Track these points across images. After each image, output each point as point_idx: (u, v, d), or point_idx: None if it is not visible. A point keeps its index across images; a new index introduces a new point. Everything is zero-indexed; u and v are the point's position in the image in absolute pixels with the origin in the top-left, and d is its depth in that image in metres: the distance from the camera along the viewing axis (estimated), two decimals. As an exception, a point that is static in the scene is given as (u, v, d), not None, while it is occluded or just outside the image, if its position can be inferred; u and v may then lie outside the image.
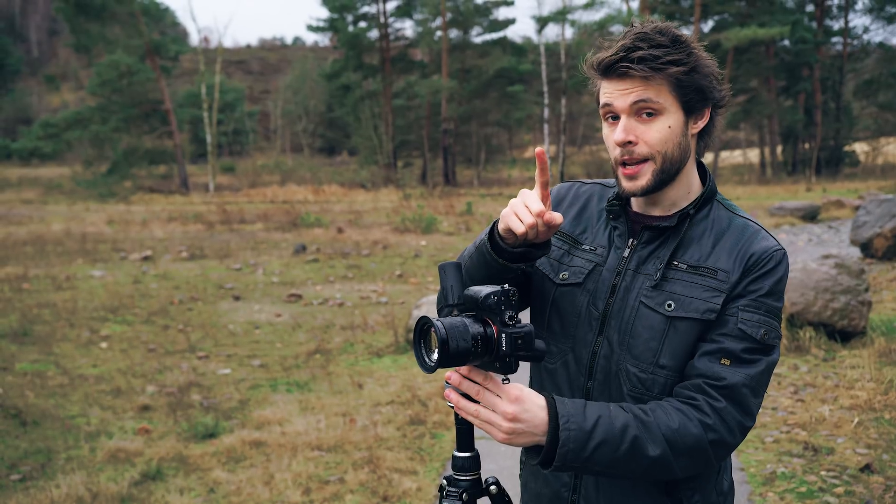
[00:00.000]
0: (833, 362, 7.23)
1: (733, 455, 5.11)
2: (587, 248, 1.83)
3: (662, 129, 1.66)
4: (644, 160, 1.68)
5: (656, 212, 1.78)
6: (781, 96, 49.44)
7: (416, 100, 50.17)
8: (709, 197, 1.78)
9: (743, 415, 1.64)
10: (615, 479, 1.71)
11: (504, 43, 49.98)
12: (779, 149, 50.89)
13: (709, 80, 1.69)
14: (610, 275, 1.76)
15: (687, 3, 46.52)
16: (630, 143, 1.67)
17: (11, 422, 6.18)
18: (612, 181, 1.91)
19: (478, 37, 51.04)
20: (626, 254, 1.77)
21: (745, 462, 5.08)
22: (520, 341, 1.53)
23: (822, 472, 4.81)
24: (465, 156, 53.50)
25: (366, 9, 50.48)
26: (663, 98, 1.65)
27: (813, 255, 8.38)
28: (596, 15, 66.62)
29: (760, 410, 5.98)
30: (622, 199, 1.81)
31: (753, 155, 56.50)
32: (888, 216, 12.57)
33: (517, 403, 1.51)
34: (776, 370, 7.08)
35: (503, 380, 1.59)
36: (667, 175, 1.70)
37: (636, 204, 1.81)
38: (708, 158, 51.09)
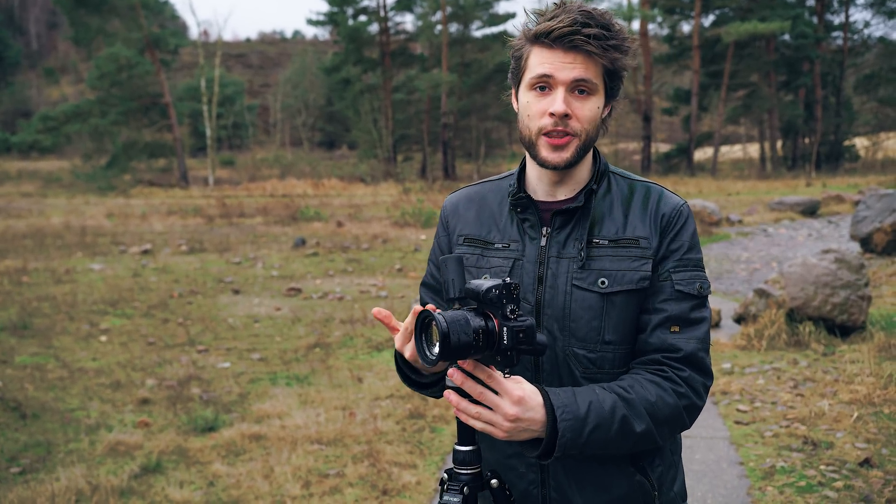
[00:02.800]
0: (832, 357, 7.24)
1: (732, 448, 5.13)
2: (499, 246, 1.84)
3: (593, 109, 1.72)
4: (573, 135, 1.71)
5: (562, 195, 1.82)
6: (781, 91, 49.39)
7: (416, 94, 50.11)
8: (604, 171, 1.84)
9: (704, 376, 1.74)
10: (595, 458, 1.73)
11: (504, 37, 49.78)
12: (779, 144, 50.87)
13: (626, 74, 1.76)
14: (532, 266, 1.79)
15: (688, -3, 46.46)
16: (567, 116, 1.69)
17: (11, 415, 6.18)
18: (497, 176, 1.97)
19: (478, 31, 51.01)
20: (543, 243, 1.79)
21: (745, 456, 5.09)
22: (521, 335, 1.53)
23: (822, 467, 4.81)
24: (464, 150, 53.48)
25: (366, 2, 50.43)
26: (598, 80, 1.70)
27: (813, 250, 8.39)
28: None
29: (760, 404, 6.01)
30: (527, 192, 1.84)
31: (753, 150, 56.54)
32: (888, 211, 12.56)
33: (520, 405, 1.53)
34: (777, 365, 7.09)
35: (505, 373, 1.59)
36: (584, 152, 1.76)
37: (541, 192, 1.84)
38: (707, 153, 51.20)
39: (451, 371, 1.55)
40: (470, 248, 1.88)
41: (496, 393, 1.55)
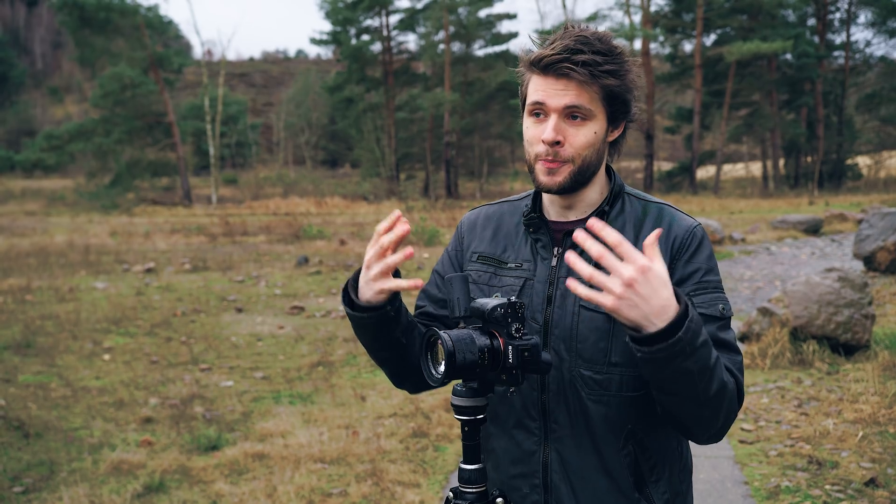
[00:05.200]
0: (837, 376, 7.22)
1: (736, 468, 5.11)
2: (512, 265, 1.85)
3: (588, 135, 1.71)
4: (565, 161, 1.72)
5: (573, 216, 1.82)
6: (784, 110, 49.50)
7: (419, 112, 50.27)
8: (618, 192, 1.84)
9: (740, 397, 1.68)
10: (686, 399, 1.59)
11: (507, 56, 50.10)
12: (781, 162, 50.94)
13: (632, 94, 1.75)
14: (542, 286, 1.79)
15: (689, 17, 46.67)
16: (558, 143, 1.70)
17: (14, 434, 6.18)
18: (517, 196, 1.98)
19: (480, 50, 51.29)
20: (554, 263, 1.79)
21: (749, 476, 5.07)
22: (526, 353, 1.54)
23: (827, 486, 4.79)
24: (467, 168, 53.60)
25: (369, 22, 50.69)
26: (594, 105, 1.70)
27: (816, 269, 8.38)
28: (598, 29, 66.76)
29: (764, 423, 5.99)
30: (540, 211, 1.85)
31: (756, 168, 56.57)
32: (891, 229, 12.55)
33: (641, 273, 1.44)
34: (781, 384, 7.08)
35: (509, 392, 1.60)
36: (582, 177, 1.75)
37: (553, 213, 1.85)
38: (710, 171, 51.12)
39: (576, 234, 1.48)
40: (483, 265, 1.90)
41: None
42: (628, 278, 1.43)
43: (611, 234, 1.45)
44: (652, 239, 1.48)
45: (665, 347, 1.45)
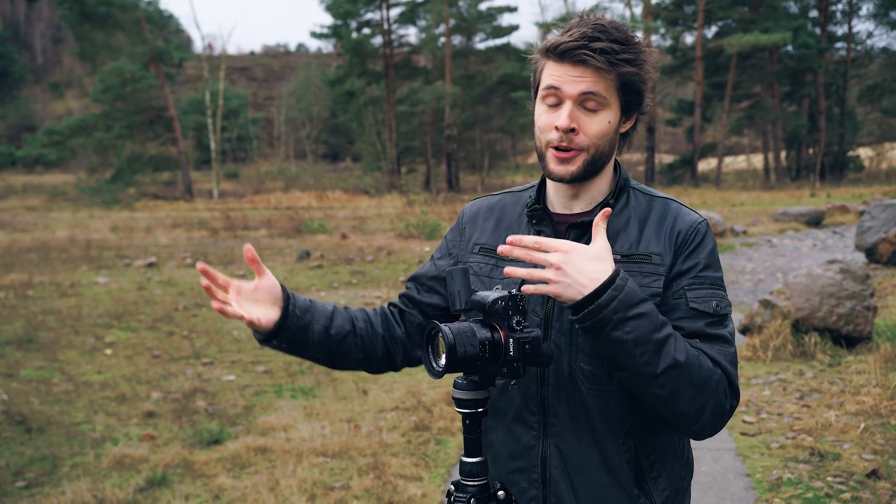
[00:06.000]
0: (839, 368, 7.21)
1: (738, 460, 5.11)
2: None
3: (603, 123, 1.70)
4: (579, 150, 1.70)
5: (577, 208, 1.81)
6: (785, 102, 49.42)
7: (420, 106, 50.26)
8: (623, 186, 1.82)
9: (733, 390, 1.66)
10: (633, 376, 1.59)
11: (507, 49, 50.04)
12: (783, 154, 50.87)
13: (647, 86, 1.74)
14: None
15: (690, 8, 46.59)
16: (573, 130, 1.69)
17: (17, 428, 6.19)
18: (519, 187, 1.97)
19: (481, 43, 51.18)
20: None
21: (751, 468, 5.07)
22: (527, 346, 1.53)
23: (829, 478, 4.79)
24: (468, 162, 53.57)
25: (369, 15, 50.66)
26: (609, 94, 1.69)
27: (818, 261, 8.37)
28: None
29: (766, 415, 5.98)
30: (543, 203, 1.84)
31: (757, 160, 56.53)
32: (893, 221, 12.54)
33: (565, 255, 1.55)
34: (782, 376, 7.07)
35: (510, 385, 1.59)
36: (594, 167, 1.74)
37: (558, 204, 1.83)
38: (711, 164, 51.07)
39: (499, 249, 1.60)
40: (484, 257, 1.88)
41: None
42: (555, 263, 1.55)
43: (527, 238, 1.58)
44: (599, 218, 1.59)
45: (588, 314, 1.53)
